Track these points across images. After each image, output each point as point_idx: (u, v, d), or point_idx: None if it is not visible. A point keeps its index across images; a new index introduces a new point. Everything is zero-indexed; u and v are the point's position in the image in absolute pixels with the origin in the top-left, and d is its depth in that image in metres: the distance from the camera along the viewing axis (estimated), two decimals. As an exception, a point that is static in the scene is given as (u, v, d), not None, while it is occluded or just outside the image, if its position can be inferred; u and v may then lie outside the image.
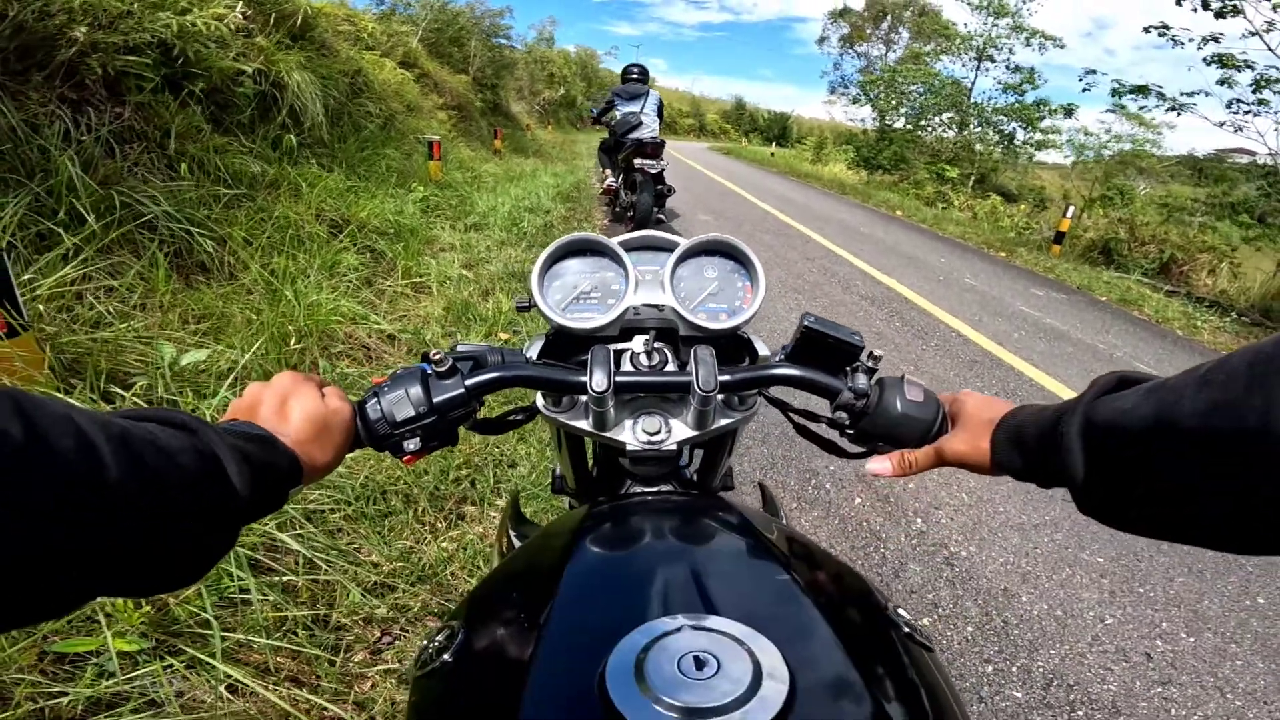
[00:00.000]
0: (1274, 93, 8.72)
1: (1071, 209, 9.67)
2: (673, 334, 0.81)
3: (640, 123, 6.92)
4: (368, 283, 3.70)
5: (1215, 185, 11.22)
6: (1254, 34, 8.48)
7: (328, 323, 2.89)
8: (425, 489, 2.09)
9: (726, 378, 0.69)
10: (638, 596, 0.54)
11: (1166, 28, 9.13)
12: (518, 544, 0.99)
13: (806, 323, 0.69)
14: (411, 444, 0.63)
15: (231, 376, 2.09)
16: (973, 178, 17.29)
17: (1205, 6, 8.60)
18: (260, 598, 1.51)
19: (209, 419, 1.84)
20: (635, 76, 7.43)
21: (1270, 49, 8.41)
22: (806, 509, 2.53)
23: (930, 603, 2.10)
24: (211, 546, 0.43)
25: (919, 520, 2.52)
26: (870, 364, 0.69)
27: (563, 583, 0.57)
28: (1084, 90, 10.85)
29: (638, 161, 6.60)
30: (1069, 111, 16.38)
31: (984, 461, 0.58)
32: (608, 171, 7.67)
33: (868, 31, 37.33)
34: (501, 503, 2.17)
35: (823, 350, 0.69)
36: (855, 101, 23.77)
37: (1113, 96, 10.30)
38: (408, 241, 4.38)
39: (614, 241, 0.82)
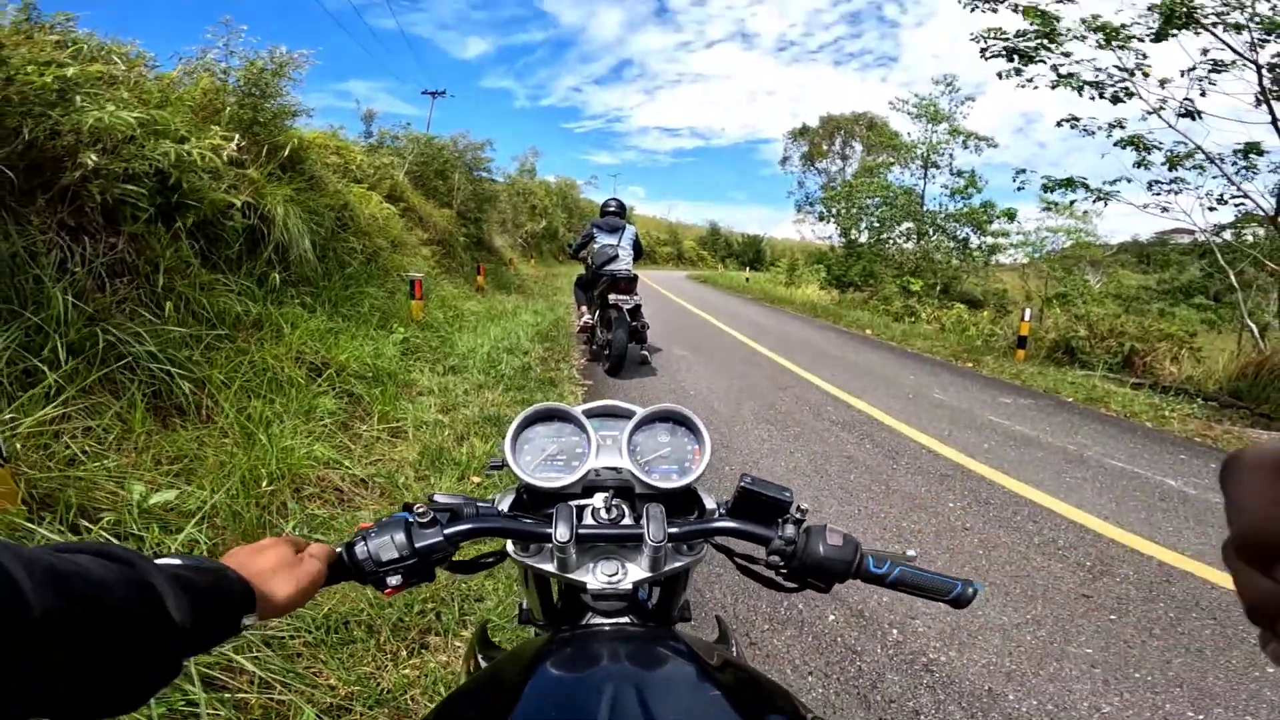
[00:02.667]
0: (1187, 169, 9.00)
1: (1029, 312, 10.04)
2: (630, 490, 0.93)
3: (616, 255, 7.07)
4: (344, 426, 3.75)
5: (1164, 271, 11.60)
6: (1151, 113, 8.91)
7: (300, 466, 2.94)
8: (388, 620, 2.06)
9: (675, 530, 0.81)
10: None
11: (1076, 119, 9.60)
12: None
13: (743, 484, 0.82)
14: (394, 580, 0.73)
15: (199, 515, 2.12)
16: (937, 287, 18.02)
17: (1100, 95, 9.03)
18: (210, 712, 1.50)
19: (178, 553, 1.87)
20: (613, 210, 7.66)
21: (1169, 125, 8.83)
22: (779, 629, 2.49)
23: (911, 710, 2.03)
24: (151, 676, 0.44)
25: (895, 631, 2.48)
26: (798, 515, 0.82)
27: (520, 706, 0.64)
28: (1018, 190, 11.47)
29: (612, 297, 6.67)
30: (1011, 215, 17.34)
31: None
32: (583, 308, 7.66)
33: (824, 148, 40.18)
34: (467, 633, 2.14)
35: (758, 505, 0.83)
36: (821, 219, 25.08)
37: (1044, 192, 10.63)
38: (386, 386, 4.46)
39: (578, 410, 0.96)
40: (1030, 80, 9.43)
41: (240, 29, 5.66)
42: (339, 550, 0.72)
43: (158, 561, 0.49)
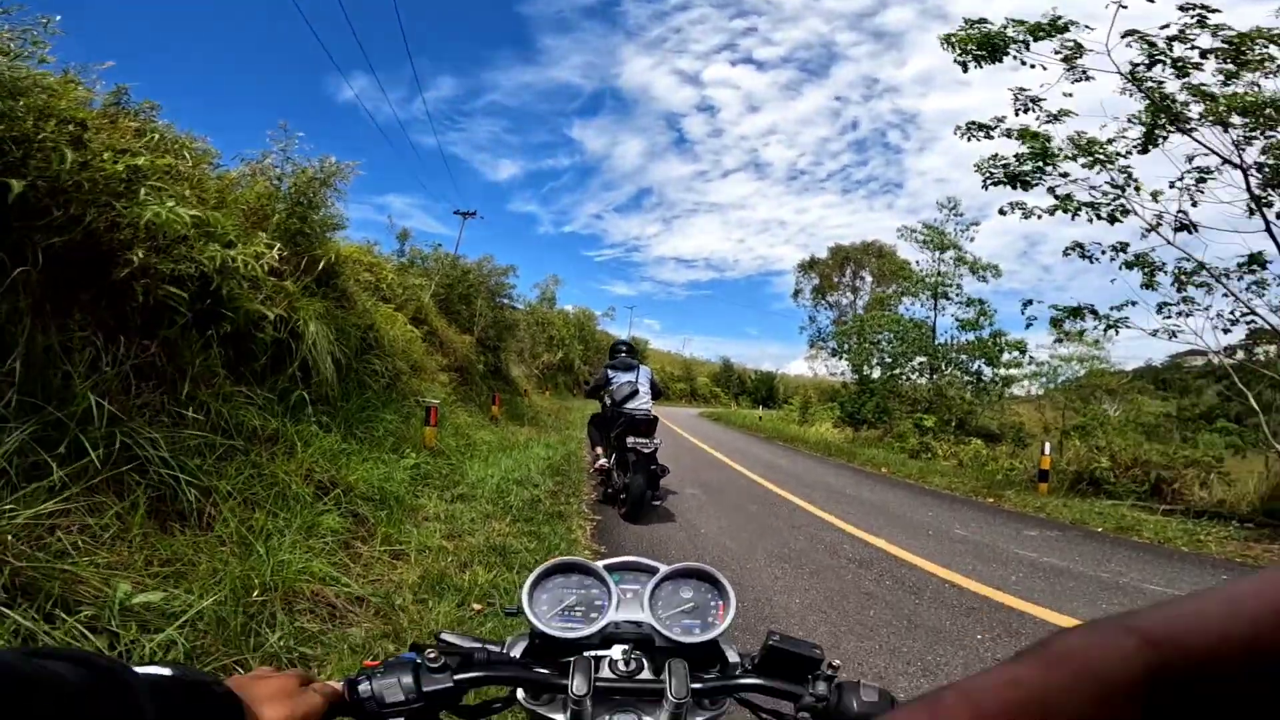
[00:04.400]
0: (1195, 285, 8.64)
1: (1048, 446, 9.89)
2: (649, 642, 0.90)
3: (636, 391, 6.83)
4: (345, 545, 3.68)
5: (1181, 398, 11.25)
6: (1149, 230, 8.73)
7: (295, 580, 2.86)
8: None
9: (698, 685, 0.79)
10: None
11: (1080, 246, 9.52)
12: None
13: (771, 641, 0.80)
14: None
15: (183, 618, 2.04)
16: (952, 423, 17.66)
17: (1098, 216, 8.88)
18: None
19: (153, 654, 1.78)
20: (624, 352, 7.37)
21: (1168, 241, 8.64)
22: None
23: None
24: None
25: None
26: (829, 672, 0.79)
27: None
28: (1027, 326, 11.00)
29: (630, 440, 6.34)
30: (1021, 349, 17.17)
31: None
32: (599, 450, 7.28)
33: (835, 280, 40.48)
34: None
35: (787, 661, 0.80)
36: (833, 355, 25.01)
37: (1052, 326, 10.31)
38: (392, 509, 4.42)
39: (599, 565, 0.95)
40: (1032, 211, 9.49)
41: (297, 135, 5.91)
42: (341, 685, 0.70)
43: (141, 670, 0.47)
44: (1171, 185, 8.44)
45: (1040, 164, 9.05)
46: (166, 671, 0.49)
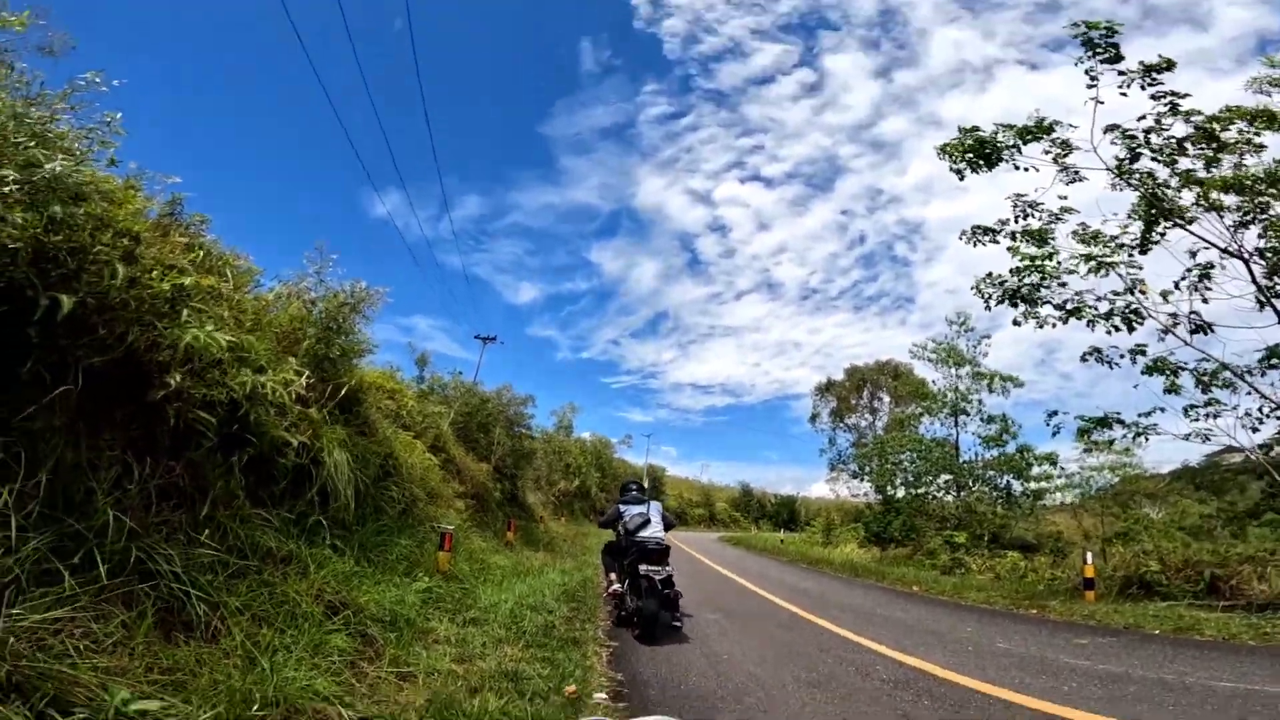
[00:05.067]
0: (1218, 386, 8.53)
1: (1090, 555, 9.43)
2: None
3: (649, 520, 7.03)
4: (351, 665, 3.55)
5: (1221, 497, 10.83)
6: (1165, 332, 8.69)
7: (299, 698, 2.75)
8: None
9: None
10: None
11: (1099, 351, 9.50)
12: None
13: None
14: None
15: (179, 728, 1.96)
16: (985, 538, 16.85)
17: (1115, 328, 8.83)
18: None
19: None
20: (634, 490, 7.64)
21: (1185, 341, 8.59)
22: None
23: None
24: None
25: None
26: None
27: None
28: (1054, 435, 10.52)
29: (643, 568, 6.47)
30: (1052, 461, 16.63)
31: None
32: (612, 575, 7.38)
33: (853, 402, 39.96)
34: None
35: None
36: (855, 477, 24.43)
37: (1079, 436, 10.18)
38: (402, 631, 4.31)
39: None
40: (1045, 320, 9.51)
41: (331, 257, 6.12)
42: None
43: None
44: (1176, 286, 8.58)
45: (1041, 277, 9.18)
46: None
